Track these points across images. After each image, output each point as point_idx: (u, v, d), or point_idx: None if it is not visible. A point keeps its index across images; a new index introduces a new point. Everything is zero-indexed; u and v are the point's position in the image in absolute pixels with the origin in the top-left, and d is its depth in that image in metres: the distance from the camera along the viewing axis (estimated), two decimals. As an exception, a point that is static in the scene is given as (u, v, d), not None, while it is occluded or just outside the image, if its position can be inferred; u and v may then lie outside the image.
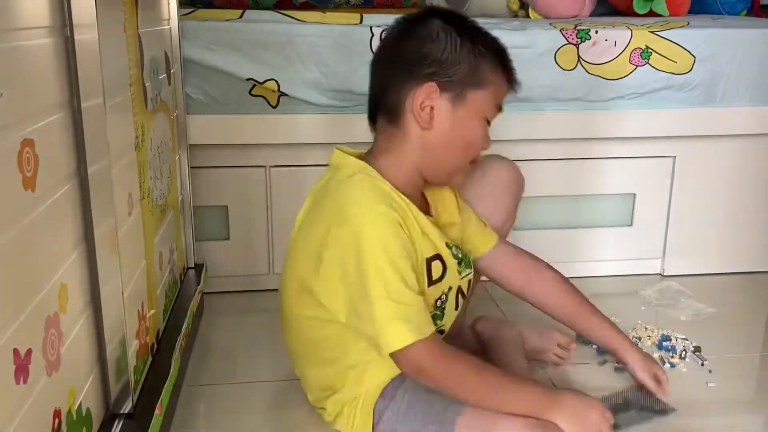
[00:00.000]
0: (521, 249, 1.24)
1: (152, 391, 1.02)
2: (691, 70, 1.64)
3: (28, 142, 0.67)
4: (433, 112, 1.01)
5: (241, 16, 1.52)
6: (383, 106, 1.05)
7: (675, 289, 1.68)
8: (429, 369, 0.96)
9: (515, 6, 1.93)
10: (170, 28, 1.35)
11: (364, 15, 1.57)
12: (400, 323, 0.94)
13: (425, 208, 1.11)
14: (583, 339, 1.34)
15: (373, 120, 1.09)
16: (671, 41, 1.63)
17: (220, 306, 1.60)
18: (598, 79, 1.62)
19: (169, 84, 1.34)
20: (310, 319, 1.08)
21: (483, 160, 1.16)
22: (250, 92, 1.53)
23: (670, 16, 1.83)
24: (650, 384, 1.15)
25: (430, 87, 1.00)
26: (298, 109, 1.55)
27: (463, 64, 1.01)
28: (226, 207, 1.63)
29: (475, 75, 1.02)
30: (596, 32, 1.60)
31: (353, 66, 1.53)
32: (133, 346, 1.00)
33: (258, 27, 1.50)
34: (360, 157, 1.07)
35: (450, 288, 1.08)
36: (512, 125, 1.63)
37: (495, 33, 1.60)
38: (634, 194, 1.75)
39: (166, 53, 1.31)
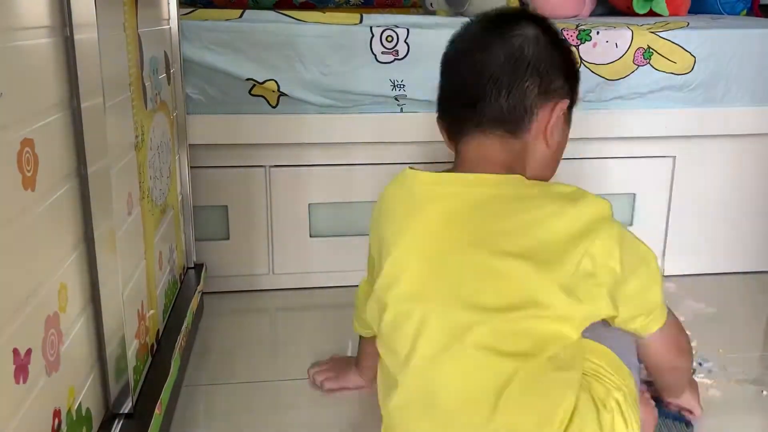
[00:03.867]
0: None
1: (152, 391, 1.02)
2: (691, 70, 1.64)
3: (27, 142, 0.67)
4: (553, 129, 0.92)
5: (240, 16, 1.52)
6: (501, 115, 0.89)
7: (671, 290, 1.68)
8: (683, 341, 1.01)
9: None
10: (170, 27, 1.35)
11: (364, 15, 1.57)
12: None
13: None
14: None
15: (464, 127, 0.92)
16: (671, 41, 1.63)
17: (220, 306, 1.60)
18: (598, 80, 1.62)
19: (169, 84, 1.34)
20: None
21: None
22: (249, 92, 1.53)
23: (669, 16, 1.83)
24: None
25: (562, 106, 0.91)
26: (298, 109, 1.55)
27: (574, 81, 0.95)
28: (226, 207, 1.63)
29: (575, 93, 0.96)
30: (597, 33, 1.60)
31: (353, 66, 1.53)
32: (133, 346, 1.00)
33: (258, 27, 1.50)
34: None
35: None
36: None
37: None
38: (634, 194, 1.75)
39: (165, 53, 1.31)
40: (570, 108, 0.95)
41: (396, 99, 1.57)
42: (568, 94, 0.93)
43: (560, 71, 0.91)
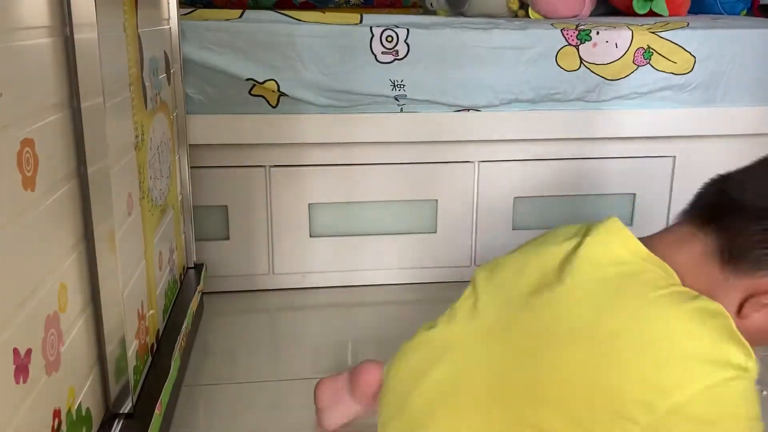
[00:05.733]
0: None
1: (152, 391, 1.02)
2: (691, 70, 1.64)
3: (27, 142, 0.67)
4: (763, 311, 0.76)
5: (240, 16, 1.52)
6: (732, 239, 0.76)
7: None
8: None
9: (515, 6, 1.93)
10: (170, 27, 1.35)
11: (364, 15, 1.57)
12: None
13: None
14: None
15: (699, 218, 0.81)
16: (671, 42, 1.63)
17: (220, 306, 1.60)
18: (598, 80, 1.62)
19: (169, 84, 1.34)
20: None
21: None
22: (249, 92, 1.53)
23: (669, 16, 1.83)
24: None
25: None
26: (298, 109, 1.55)
27: None
28: (226, 207, 1.63)
29: None
30: (597, 33, 1.60)
31: (353, 66, 1.53)
32: (133, 345, 1.00)
33: (258, 27, 1.50)
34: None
35: None
36: (512, 125, 1.63)
37: (495, 33, 1.61)
38: (634, 194, 1.75)
39: (165, 53, 1.31)
40: None
41: (396, 99, 1.57)
42: None
43: None
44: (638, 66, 1.63)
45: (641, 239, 0.80)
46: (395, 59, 1.54)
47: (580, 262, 0.78)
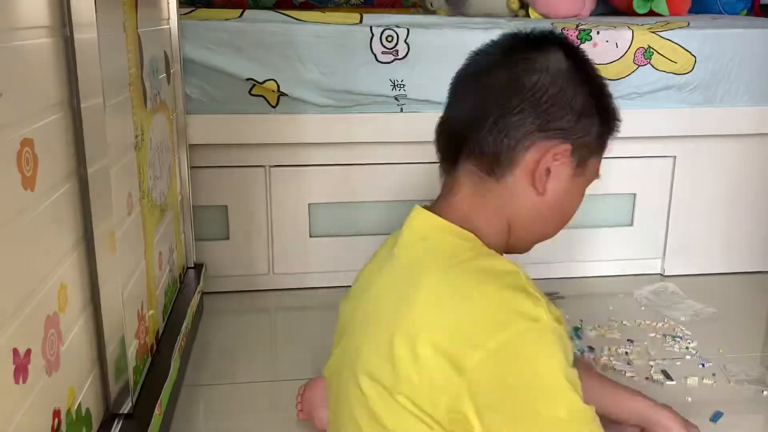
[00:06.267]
0: None
1: (152, 391, 1.02)
2: (691, 70, 1.64)
3: (27, 142, 0.67)
4: (549, 176, 0.78)
5: (240, 16, 1.52)
6: (482, 150, 0.78)
7: (671, 290, 1.68)
8: None
9: (515, 6, 1.93)
10: (170, 27, 1.35)
11: (364, 15, 1.57)
12: None
13: None
14: None
15: (451, 157, 0.82)
16: (672, 41, 1.63)
17: (220, 306, 1.60)
18: (598, 79, 1.62)
19: (169, 84, 1.34)
20: None
21: None
22: (249, 92, 1.53)
23: (670, 15, 1.83)
24: None
25: (563, 149, 0.77)
26: (298, 109, 1.55)
27: (595, 125, 0.80)
28: (226, 207, 1.63)
29: (600, 138, 0.82)
30: (597, 33, 1.60)
31: (353, 66, 1.53)
32: (133, 346, 1.00)
33: (258, 27, 1.50)
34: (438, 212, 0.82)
35: None
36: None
37: (495, 33, 1.61)
38: (634, 194, 1.75)
39: (165, 53, 1.31)
40: (589, 151, 0.81)
41: (396, 99, 1.57)
42: (579, 138, 0.78)
43: (571, 109, 0.77)
44: (638, 66, 1.62)
45: (434, 210, 0.82)
46: (395, 59, 1.54)
47: (398, 250, 0.82)
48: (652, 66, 1.63)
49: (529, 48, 0.79)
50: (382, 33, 1.53)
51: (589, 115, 0.78)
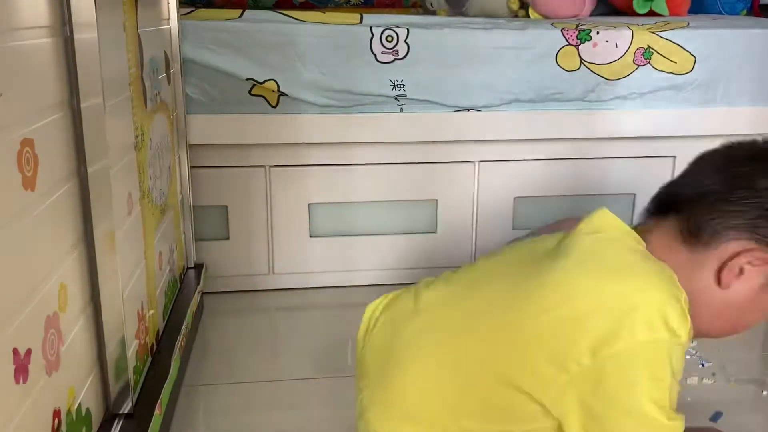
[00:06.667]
0: None
1: (152, 391, 1.02)
2: (691, 70, 1.64)
3: (27, 142, 0.67)
4: (740, 275, 0.80)
5: (240, 16, 1.52)
6: (690, 212, 0.82)
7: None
8: None
9: (515, 6, 1.93)
10: (170, 27, 1.35)
11: (364, 15, 1.57)
12: None
13: None
14: None
15: (662, 210, 0.87)
16: (671, 41, 1.63)
17: (220, 306, 1.60)
18: (598, 79, 1.62)
19: (169, 84, 1.34)
20: None
21: None
22: (249, 92, 1.53)
23: (670, 15, 1.83)
24: None
25: (760, 254, 0.79)
26: (298, 109, 1.55)
27: None
28: (226, 207, 1.63)
29: None
30: (597, 33, 1.60)
31: (353, 66, 1.53)
32: (133, 346, 1.00)
33: (258, 27, 1.50)
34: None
35: None
36: (512, 125, 1.63)
37: (495, 33, 1.61)
38: (634, 194, 1.75)
39: (165, 53, 1.31)
40: None
41: (396, 99, 1.57)
42: None
43: None
44: (638, 66, 1.62)
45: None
46: (395, 59, 1.54)
47: (572, 239, 0.85)
48: (652, 66, 1.63)
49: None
50: (382, 33, 1.53)
51: None
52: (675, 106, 1.67)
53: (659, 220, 0.86)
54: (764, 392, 1.26)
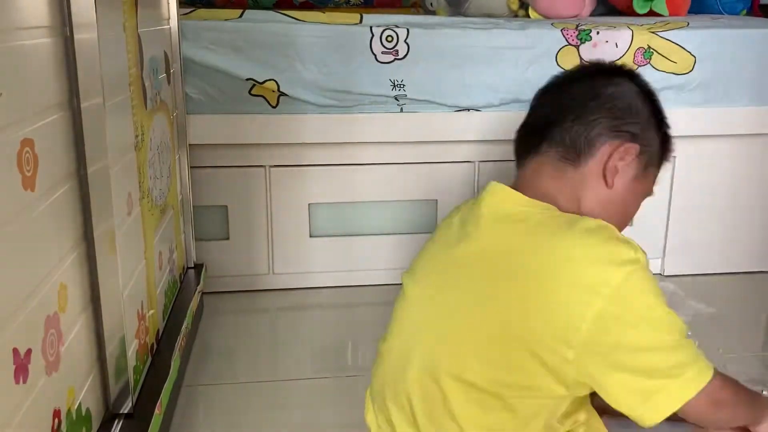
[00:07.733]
0: None
1: (152, 391, 1.02)
2: (691, 70, 1.64)
3: (27, 142, 0.67)
4: (617, 173, 0.89)
5: (240, 16, 1.52)
6: (562, 139, 0.90)
7: (670, 290, 1.68)
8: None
9: (515, 6, 1.93)
10: (170, 27, 1.35)
11: (364, 15, 1.57)
12: None
13: None
14: None
15: (532, 149, 0.93)
16: (671, 41, 1.63)
17: (220, 306, 1.60)
18: (598, 79, 1.62)
19: (169, 84, 1.34)
20: None
21: None
22: (249, 92, 1.53)
23: (669, 15, 1.83)
24: None
25: (631, 148, 0.88)
26: (298, 109, 1.55)
27: (657, 141, 0.93)
28: (226, 207, 1.63)
29: (659, 155, 0.95)
30: (597, 33, 1.60)
31: (353, 66, 1.53)
32: (133, 346, 1.00)
33: (258, 27, 1.50)
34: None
35: None
36: (512, 125, 1.63)
37: (495, 33, 1.61)
38: (634, 194, 1.75)
39: (165, 53, 1.31)
40: (650, 161, 0.92)
41: (396, 99, 1.57)
42: (645, 146, 0.90)
43: (639, 119, 0.90)
44: (638, 66, 1.62)
45: (513, 188, 0.90)
46: (395, 59, 1.54)
47: (481, 221, 0.88)
48: (652, 66, 1.63)
49: (606, 71, 0.94)
50: (382, 33, 1.53)
51: (653, 130, 0.92)
52: (675, 106, 1.67)
53: (534, 157, 0.92)
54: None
